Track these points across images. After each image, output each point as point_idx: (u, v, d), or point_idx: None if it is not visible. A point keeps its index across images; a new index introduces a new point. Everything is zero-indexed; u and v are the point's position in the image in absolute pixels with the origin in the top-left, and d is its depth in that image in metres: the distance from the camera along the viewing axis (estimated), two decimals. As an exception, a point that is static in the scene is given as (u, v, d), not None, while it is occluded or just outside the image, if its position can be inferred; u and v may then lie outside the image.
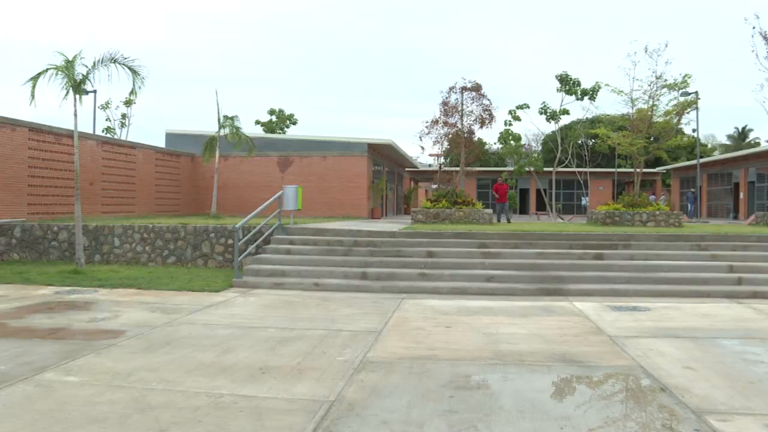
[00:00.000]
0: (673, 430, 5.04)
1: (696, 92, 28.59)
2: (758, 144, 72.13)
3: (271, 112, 53.56)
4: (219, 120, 26.19)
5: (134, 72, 15.98)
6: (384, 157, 37.59)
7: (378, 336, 8.41)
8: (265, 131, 50.30)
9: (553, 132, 46.09)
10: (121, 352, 7.37)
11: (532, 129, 79.53)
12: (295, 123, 54.46)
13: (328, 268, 13.85)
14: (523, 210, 56.48)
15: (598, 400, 5.92)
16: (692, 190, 44.16)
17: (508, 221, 24.94)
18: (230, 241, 16.30)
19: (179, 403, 5.49)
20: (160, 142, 32.56)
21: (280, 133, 51.04)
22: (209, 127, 51.26)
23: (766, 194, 37.74)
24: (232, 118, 26.48)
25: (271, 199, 16.60)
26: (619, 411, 5.59)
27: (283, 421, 5.10)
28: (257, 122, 53.00)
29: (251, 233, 15.68)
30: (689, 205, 42.94)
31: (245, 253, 14.67)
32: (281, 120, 53.49)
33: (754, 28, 23.92)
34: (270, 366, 6.75)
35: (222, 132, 26.34)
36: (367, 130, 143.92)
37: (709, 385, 6.25)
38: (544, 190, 49.04)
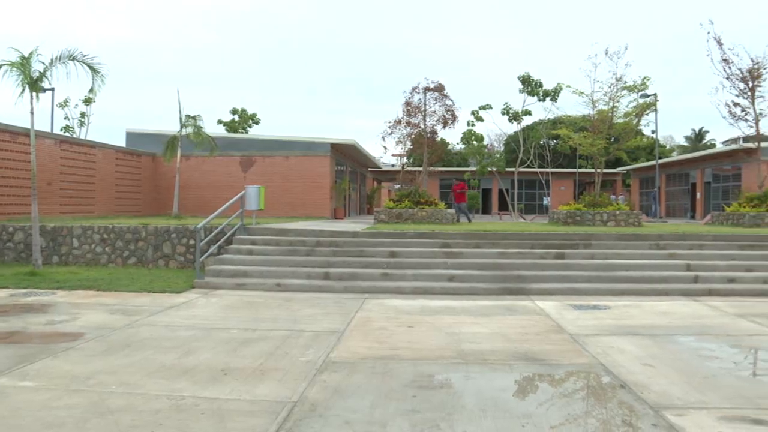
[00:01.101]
0: (632, 426, 5.13)
1: (655, 94, 29.03)
2: (714, 145, 73.48)
3: (234, 111, 53.13)
4: (181, 119, 25.96)
5: (93, 70, 15.74)
6: (347, 157, 37.57)
7: (341, 336, 8.40)
8: (228, 131, 49.89)
9: (515, 132, 46.44)
10: (80, 355, 7.25)
11: (495, 129, 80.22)
12: (257, 123, 54.11)
13: (291, 268, 13.80)
14: (486, 210, 56.86)
15: (560, 397, 5.99)
16: (655, 189, 44.87)
17: (469, 221, 24.96)
18: (192, 242, 16.16)
19: (139, 406, 5.42)
20: (121, 142, 32.10)
21: (242, 132, 50.65)
22: (171, 126, 50.93)
23: (721, 194, 38.49)
24: (194, 118, 26.25)
25: (234, 199, 16.49)
26: (580, 408, 5.66)
27: (245, 422, 5.07)
28: (219, 122, 52.53)
29: (213, 233, 15.56)
30: (653, 206, 43.62)
31: (207, 254, 14.56)
32: (244, 119, 53.09)
33: (708, 33, 24.40)
34: (232, 367, 6.71)
35: (184, 131, 26.10)
36: (331, 129, 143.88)
37: (667, 381, 6.38)
38: (507, 190, 49.39)
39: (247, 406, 5.48)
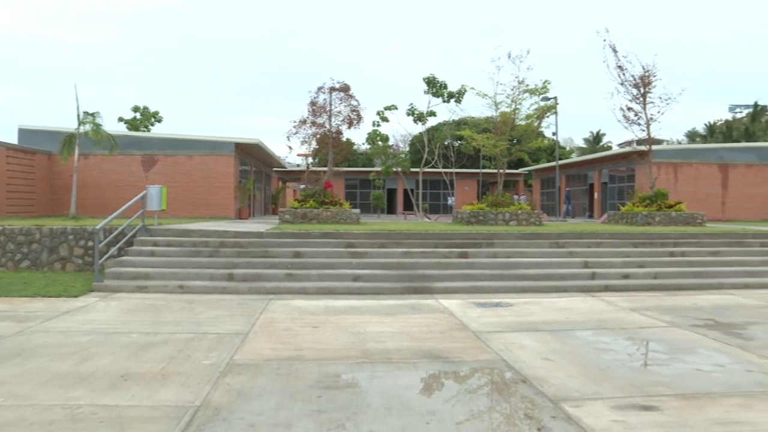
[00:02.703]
0: (533, 419, 5.29)
1: (555, 97, 29.92)
2: (610, 147, 76.50)
3: (135, 109, 51.62)
4: (78, 116, 25.01)
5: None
6: (252, 157, 37.15)
7: (245, 338, 8.30)
8: (129, 129, 48.51)
9: (420, 133, 46.92)
10: (-32, 363, 6.91)
11: (400, 130, 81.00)
12: (160, 121, 52.76)
13: (194, 269, 13.54)
14: (391, 210, 57.27)
15: (464, 393, 6.10)
16: (568, 189, 46.18)
17: None
18: (90, 244, 15.62)
19: (30, 417, 5.19)
20: (13, 138, 30.75)
21: (144, 131, 49.34)
22: (68, 123, 48.93)
23: (617, 194, 39.98)
24: (92, 115, 25.33)
25: (134, 199, 16.04)
26: (483, 403, 5.79)
27: (146, 429, 4.95)
28: (120, 119, 50.93)
29: (113, 235, 15.11)
30: (565, 205, 44.88)
31: (106, 256, 14.13)
32: (146, 118, 51.67)
33: (605, 40, 25.43)
34: (133, 372, 6.53)
35: (82, 129, 25.16)
36: (236, 129, 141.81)
37: (565, 374, 6.61)
38: (412, 190, 49.87)
39: (149, 412, 5.35)
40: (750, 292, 13.40)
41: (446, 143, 48.32)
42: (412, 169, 46.98)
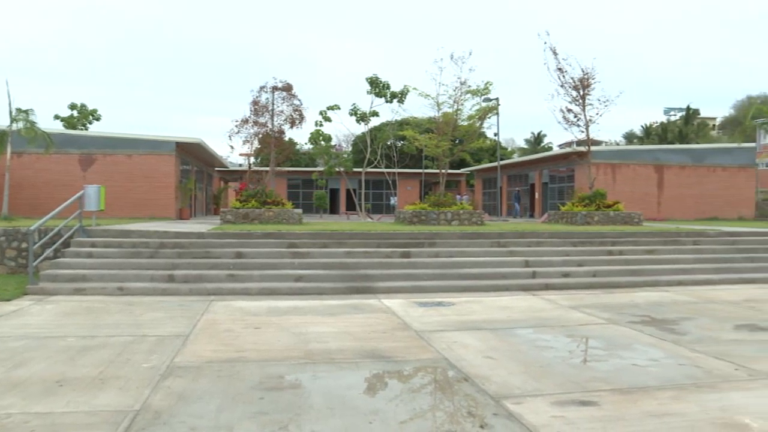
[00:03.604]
0: (475, 416, 5.34)
1: (497, 98, 30.33)
2: (551, 148, 77.77)
3: (72, 106, 50.33)
4: (11, 113, 24.34)
5: None
6: (193, 156, 36.71)
7: (186, 340, 8.18)
8: (66, 127, 47.32)
9: (363, 133, 46.97)
10: None
11: (343, 130, 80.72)
12: (98, 119, 51.54)
13: (134, 271, 13.29)
14: (334, 210, 57.19)
15: (407, 393, 6.11)
16: (518, 189, 46.71)
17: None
18: (24, 245, 15.19)
19: (-39, 424, 5.03)
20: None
21: (82, 129, 48.21)
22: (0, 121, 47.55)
23: (557, 194, 40.67)
24: (26, 112, 24.69)
25: (72, 200, 15.67)
26: (426, 402, 5.81)
27: (82, 434, 4.84)
28: (57, 117, 49.64)
29: (49, 236, 14.70)
30: (515, 205, 45.44)
31: (41, 258, 13.77)
32: (83, 116, 50.43)
33: (545, 43, 25.85)
34: (69, 378, 6.36)
35: (15, 126, 24.50)
36: (177, 128, 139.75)
37: (507, 372, 6.70)
38: (354, 190, 49.93)
39: (85, 418, 5.22)
40: (683, 288, 13.82)
41: (389, 143, 48.52)
42: (355, 169, 47.04)
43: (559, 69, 25.48)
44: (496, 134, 45.25)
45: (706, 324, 9.70)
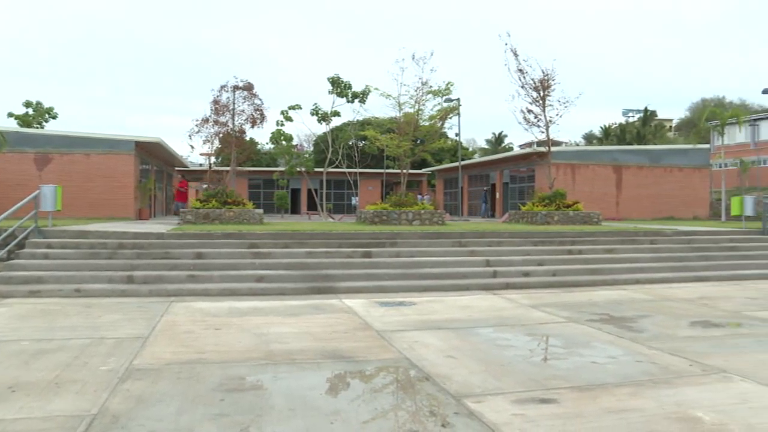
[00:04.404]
0: (437, 415, 5.36)
1: (458, 99, 30.48)
2: (512, 149, 78.43)
3: (27, 104, 49.24)
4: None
5: None
6: (153, 156, 36.31)
7: (145, 342, 8.08)
8: (20, 125, 46.37)
9: (324, 133, 46.82)
10: None
11: (305, 130, 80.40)
12: (55, 117, 50.50)
13: (92, 272, 13.08)
14: (295, 210, 57.00)
15: (369, 393, 6.11)
16: (485, 188, 46.93)
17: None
18: (-23, 247, 14.87)
19: None
20: None
21: (37, 127, 47.28)
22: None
23: (518, 194, 41.01)
24: (-23, 110, 24.15)
25: (26, 200, 15.38)
26: (388, 402, 5.82)
27: (38, 439, 4.75)
28: (10, 115, 48.55)
29: (2, 237, 14.39)
30: (483, 204, 45.67)
31: (-5, 259, 13.49)
32: (39, 114, 49.39)
33: (506, 44, 26.04)
34: (22, 382, 6.21)
35: (-35, 125, 23.96)
36: (137, 127, 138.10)
37: (468, 371, 6.73)
38: (315, 190, 49.79)
39: (39, 424, 5.09)
40: (640, 287, 14.07)
41: (350, 143, 48.50)
42: (316, 169, 46.92)
43: (520, 70, 25.72)
44: (457, 134, 45.52)
45: (662, 321, 9.88)
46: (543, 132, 26.26)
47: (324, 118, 39.53)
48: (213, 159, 33.11)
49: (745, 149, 61.44)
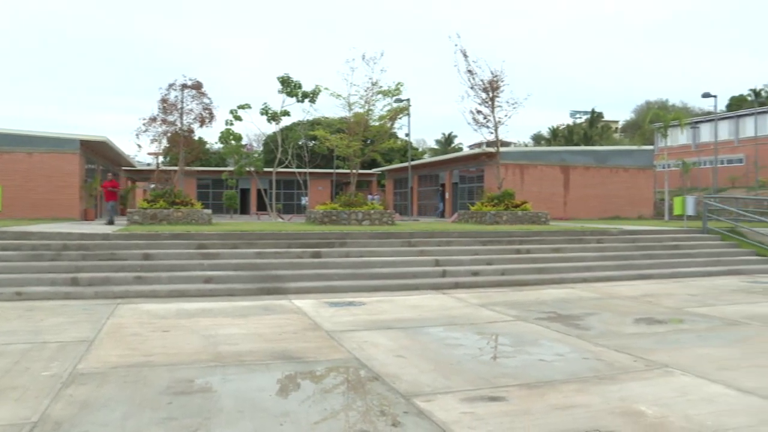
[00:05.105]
0: (386, 415, 5.37)
1: (408, 99, 30.52)
2: (461, 149, 79.03)
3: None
4: None
5: None
6: (99, 155, 35.67)
7: (90, 345, 7.91)
8: (-43, 124, 45.14)
9: (274, 133, 46.57)
10: None
11: (254, 129, 79.94)
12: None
13: (34, 275, 12.76)
14: (244, 210, 56.52)
15: (318, 393, 6.09)
16: (439, 187, 47.09)
17: (110, 223, 23.04)
18: None
19: None
20: None
21: (-25, 126, 46.02)
22: None
23: (467, 194, 41.31)
24: None
25: (-35, 201, 14.96)
26: (338, 402, 5.81)
27: (-25, 449, 4.60)
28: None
29: (-60, 239, 13.99)
30: (441, 204, 45.83)
31: (-67, 262, 13.08)
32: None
33: (456, 45, 26.25)
34: (-39, 388, 6.04)
35: None
36: (83, 125, 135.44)
37: (417, 370, 6.76)
38: (265, 190, 49.43)
39: (-24, 432, 4.95)
40: (587, 285, 14.31)
41: (300, 143, 48.31)
42: (266, 169, 46.62)
43: (470, 71, 25.91)
44: (407, 135, 45.59)
45: (608, 319, 10.07)
46: (492, 133, 26.51)
47: (274, 117, 39.29)
48: (161, 158, 32.65)
49: (686, 151, 63.17)
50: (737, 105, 76.03)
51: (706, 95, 41.00)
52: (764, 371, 6.87)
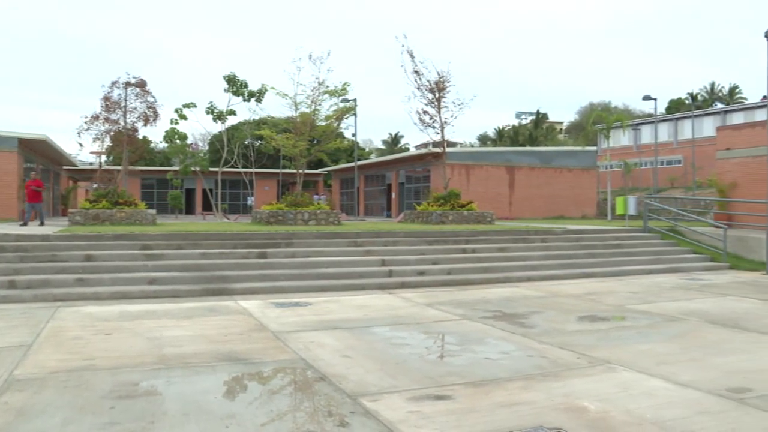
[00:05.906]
0: (333, 415, 5.38)
1: (355, 99, 30.56)
2: (408, 149, 79.39)
3: None
4: None
5: None
6: (38, 154, 34.82)
7: (28, 350, 7.70)
8: None
9: (220, 132, 46.11)
10: None
11: (200, 129, 79.01)
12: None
13: (-30, 277, 12.40)
14: (189, 210, 55.84)
15: (265, 395, 6.07)
16: (385, 187, 47.09)
17: (41, 224, 22.22)
18: None
19: None
20: None
21: None
22: None
23: (413, 194, 41.47)
24: None
25: None
26: (285, 404, 5.80)
27: None
28: None
29: None
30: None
31: None
32: None
33: (403, 45, 26.25)
34: None
35: None
36: (21, 123, 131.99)
37: (364, 370, 6.78)
38: (211, 190, 48.91)
39: None
40: (532, 284, 14.52)
41: (246, 143, 47.88)
42: (212, 169, 46.17)
43: (416, 72, 25.98)
44: (353, 135, 45.63)
45: (552, 317, 10.24)
46: (438, 133, 26.67)
47: (219, 116, 38.94)
48: (104, 158, 32.03)
49: (628, 152, 64.61)
50: (676, 108, 78.19)
51: (646, 98, 42.00)
52: (700, 365, 7.09)
